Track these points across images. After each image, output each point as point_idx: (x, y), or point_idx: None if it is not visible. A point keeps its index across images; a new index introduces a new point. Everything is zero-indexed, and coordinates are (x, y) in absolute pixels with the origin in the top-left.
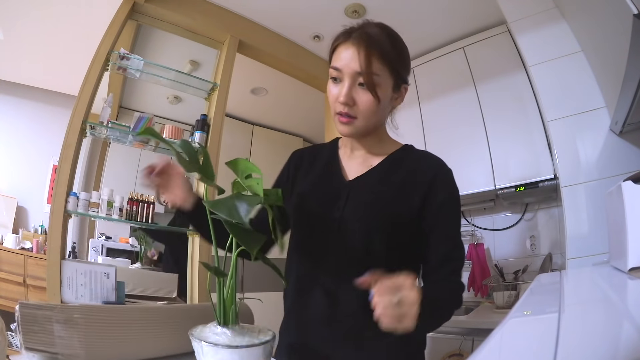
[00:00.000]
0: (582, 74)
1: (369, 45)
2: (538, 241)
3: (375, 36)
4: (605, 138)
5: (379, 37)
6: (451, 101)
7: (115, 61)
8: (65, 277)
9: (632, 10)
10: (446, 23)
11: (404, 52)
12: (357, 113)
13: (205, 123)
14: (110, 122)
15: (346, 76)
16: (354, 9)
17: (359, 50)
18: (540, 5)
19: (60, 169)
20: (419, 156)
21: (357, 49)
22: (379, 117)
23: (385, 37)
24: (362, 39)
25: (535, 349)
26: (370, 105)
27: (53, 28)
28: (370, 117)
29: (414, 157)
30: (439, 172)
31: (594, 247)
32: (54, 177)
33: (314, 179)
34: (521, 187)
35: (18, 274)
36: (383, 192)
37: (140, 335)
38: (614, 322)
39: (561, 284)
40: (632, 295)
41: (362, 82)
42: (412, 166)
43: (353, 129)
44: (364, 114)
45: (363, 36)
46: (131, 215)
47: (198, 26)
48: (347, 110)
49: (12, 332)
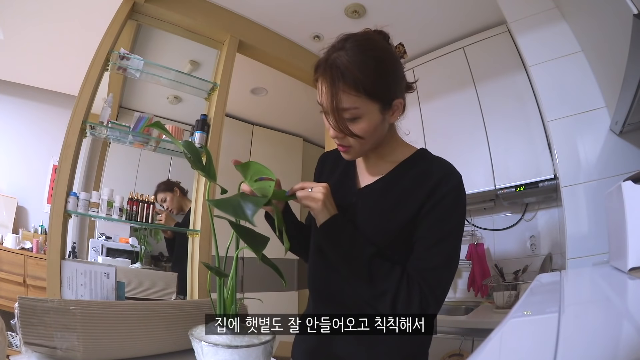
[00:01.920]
0: (582, 74)
1: (337, 79)
2: (538, 241)
3: (341, 66)
4: (605, 138)
5: (348, 64)
6: (451, 101)
7: (115, 61)
8: (65, 277)
9: (632, 10)
10: (446, 23)
11: (382, 67)
12: (349, 142)
13: (205, 123)
14: (110, 122)
15: (327, 112)
16: (354, 9)
17: (329, 87)
18: (540, 5)
19: (60, 169)
20: (429, 163)
21: (328, 86)
22: (376, 138)
23: (356, 61)
24: (329, 73)
25: (536, 349)
26: (360, 133)
27: (53, 28)
28: (364, 143)
29: (423, 165)
30: (442, 178)
31: (593, 247)
32: (54, 177)
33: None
34: (521, 187)
35: (18, 274)
36: (387, 203)
37: (137, 331)
38: (614, 322)
39: (561, 284)
40: (632, 295)
41: (346, 117)
42: (420, 173)
43: (353, 155)
44: (357, 143)
45: (327, 70)
46: (131, 215)
47: (198, 26)
48: (339, 142)
49: (12, 332)
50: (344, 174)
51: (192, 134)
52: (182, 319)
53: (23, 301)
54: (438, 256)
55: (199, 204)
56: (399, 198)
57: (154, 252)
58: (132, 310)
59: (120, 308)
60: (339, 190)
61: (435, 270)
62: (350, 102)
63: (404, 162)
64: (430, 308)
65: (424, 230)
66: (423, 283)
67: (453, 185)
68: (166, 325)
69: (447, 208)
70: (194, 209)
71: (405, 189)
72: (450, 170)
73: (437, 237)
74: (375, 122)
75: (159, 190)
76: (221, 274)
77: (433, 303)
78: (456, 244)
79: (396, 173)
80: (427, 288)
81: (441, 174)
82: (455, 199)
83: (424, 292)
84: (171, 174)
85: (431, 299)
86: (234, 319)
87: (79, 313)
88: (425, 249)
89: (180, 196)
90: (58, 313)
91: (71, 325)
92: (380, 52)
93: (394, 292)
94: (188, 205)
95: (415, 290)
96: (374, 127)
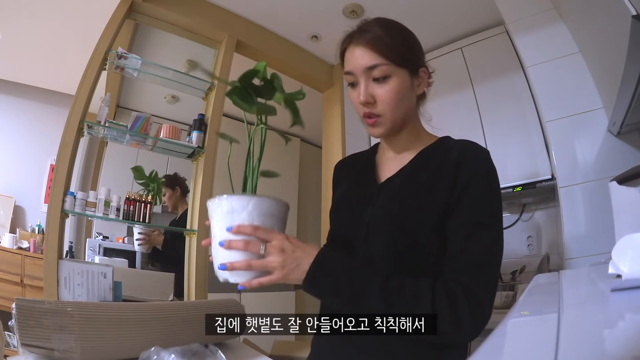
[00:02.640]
0: (580, 75)
1: (370, 40)
2: (535, 241)
3: (373, 31)
4: (603, 139)
5: (378, 31)
6: (449, 102)
7: (113, 60)
8: (63, 276)
9: (631, 11)
10: (444, 23)
11: (408, 37)
12: (380, 110)
13: (203, 123)
14: (108, 122)
15: (359, 76)
16: (352, 9)
17: (362, 48)
18: (538, 6)
19: (57, 168)
20: (451, 146)
21: (361, 47)
22: (405, 108)
23: (385, 29)
24: (362, 37)
25: (536, 349)
26: (390, 96)
27: (51, 27)
28: (394, 110)
29: (445, 148)
30: (464, 154)
31: (591, 248)
32: (51, 176)
33: (346, 188)
34: (519, 187)
35: (15, 273)
36: (408, 193)
37: (135, 332)
38: (614, 322)
39: (559, 284)
40: (632, 295)
41: (376, 76)
42: (442, 158)
43: (382, 127)
44: (387, 108)
45: (362, 34)
46: (128, 215)
47: (196, 26)
48: (370, 110)
49: (10, 332)
50: (363, 173)
51: (190, 134)
52: (179, 320)
53: (20, 303)
54: (479, 244)
55: (197, 204)
56: (425, 184)
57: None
58: (130, 312)
59: (118, 310)
60: (359, 188)
61: (479, 262)
62: (381, 60)
63: (426, 149)
64: (486, 311)
65: (457, 219)
66: (466, 284)
67: (479, 160)
68: (164, 327)
69: (480, 188)
70: (191, 208)
71: (431, 174)
72: (474, 148)
73: (474, 223)
74: (405, 85)
75: (162, 184)
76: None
77: (487, 303)
78: (498, 227)
79: (419, 160)
80: (475, 288)
81: (465, 153)
82: (487, 175)
83: (472, 297)
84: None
85: (484, 295)
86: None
87: (77, 315)
88: (461, 240)
89: (179, 196)
90: (55, 315)
91: (68, 326)
92: (405, 27)
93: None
94: (184, 207)
95: (461, 301)
96: (404, 89)
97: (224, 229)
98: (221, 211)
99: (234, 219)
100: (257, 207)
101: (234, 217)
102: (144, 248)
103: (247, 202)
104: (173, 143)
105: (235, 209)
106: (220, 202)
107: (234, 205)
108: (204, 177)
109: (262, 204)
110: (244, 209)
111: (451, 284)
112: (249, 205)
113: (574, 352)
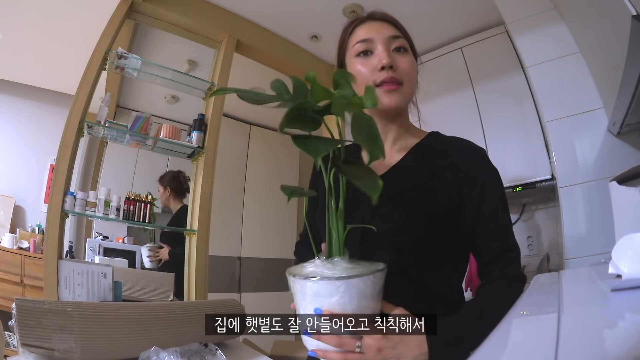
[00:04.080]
0: (580, 75)
1: (390, 17)
2: (535, 241)
3: (389, 15)
4: (603, 139)
5: (392, 17)
6: (449, 102)
7: (113, 60)
8: (63, 277)
9: (631, 11)
10: (444, 23)
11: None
12: (402, 77)
13: (203, 123)
14: (108, 122)
15: (379, 43)
16: (352, 9)
17: (382, 21)
18: (538, 6)
19: (57, 168)
20: (446, 144)
21: (381, 21)
22: (414, 86)
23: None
24: (379, 14)
25: (536, 349)
26: (411, 67)
27: (51, 27)
28: (413, 82)
29: (439, 146)
30: (469, 156)
31: (591, 248)
32: (51, 176)
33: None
34: (519, 187)
35: (15, 273)
36: (406, 189)
37: (135, 332)
38: (614, 322)
39: (560, 284)
40: (632, 295)
41: (397, 46)
42: (441, 155)
43: (401, 96)
44: (408, 77)
45: (379, 14)
46: (128, 215)
47: (196, 26)
48: (392, 74)
49: (10, 332)
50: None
51: (190, 134)
52: (179, 320)
53: (20, 303)
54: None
55: (197, 203)
56: (425, 180)
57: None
58: (130, 312)
59: (118, 310)
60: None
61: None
62: (401, 34)
63: (419, 145)
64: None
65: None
66: (514, 274)
67: (484, 159)
68: (164, 327)
69: (497, 191)
70: (191, 208)
71: (432, 167)
72: (472, 145)
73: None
74: (415, 64)
75: (161, 179)
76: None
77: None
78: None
79: (413, 156)
80: (520, 274)
81: (465, 152)
82: (497, 177)
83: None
84: (169, 170)
85: (522, 273)
86: (342, 250)
87: (77, 315)
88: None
89: (169, 195)
90: (55, 315)
91: (69, 327)
92: None
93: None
94: (177, 206)
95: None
96: (415, 67)
97: (310, 308)
98: (303, 293)
99: (322, 303)
100: (349, 292)
101: (321, 301)
102: (155, 264)
103: (337, 288)
104: (173, 143)
105: (322, 294)
106: (303, 284)
107: (321, 290)
108: (204, 177)
109: (355, 287)
110: (333, 295)
111: (506, 280)
112: (338, 290)
113: (574, 352)
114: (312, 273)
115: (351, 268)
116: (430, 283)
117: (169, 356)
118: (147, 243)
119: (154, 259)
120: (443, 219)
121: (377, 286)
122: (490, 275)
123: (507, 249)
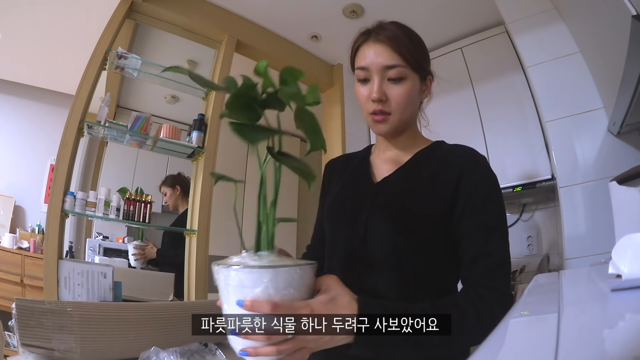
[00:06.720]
0: (580, 75)
1: (391, 38)
2: (535, 241)
3: (393, 30)
4: (603, 139)
5: (398, 32)
6: (449, 102)
7: (113, 60)
8: (63, 276)
9: (631, 11)
10: (444, 24)
11: (422, 44)
12: (390, 108)
13: (203, 123)
14: (108, 122)
15: (374, 73)
16: (352, 9)
17: (382, 45)
18: (538, 6)
19: (57, 168)
20: (448, 149)
21: (381, 44)
22: (412, 111)
23: (402, 32)
24: (382, 35)
25: (536, 349)
26: (403, 97)
27: (51, 27)
28: (403, 110)
29: (442, 151)
30: (467, 160)
31: (591, 248)
32: (51, 176)
33: (341, 187)
34: (519, 187)
35: (15, 273)
36: (407, 191)
37: (135, 332)
38: (614, 322)
39: (560, 284)
40: (632, 295)
41: (392, 76)
42: (440, 160)
43: (389, 126)
44: (397, 108)
45: (383, 32)
46: (128, 215)
47: (196, 25)
48: (381, 107)
49: (10, 332)
50: (357, 174)
51: (190, 134)
52: (179, 320)
53: (20, 303)
54: (498, 247)
55: (197, 203)
56: (425, 184)
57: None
58: (129, 312)
59: (118, 310)
60: (353, 188)
61: (501, 264)
62: (400, 62)
63: (422, 151)
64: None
65: (470, 225)
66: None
67: (484, 167)
68: (164, 327)
69: (489, 194)
70: (191, 208)
71: (430, 174)
72: (472, 150)
73: (488, 228)
74: (415, 89)
75: (163, 183)
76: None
77: (511, 299)
78: (507, 229)
79: (416, 160)
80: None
81: (467, 160)
82: (493, 181)
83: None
84: (168, 174)
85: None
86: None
87: (77, 315)
88: (480, 245)
89: (180, 195)
90: (55, 315)
91: (68, 327)
92: (415, 32)
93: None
94: (184, 207)
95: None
96: (414, 93)
97: (233, 302)
98: (227, 284)
99: (246, 294)
100: (274, 282)
101: (245, 292)
102: (140, 263)
103: (261, 278)
104: (173, 143)
105: (246, 285)
106: (226, 273)
107: (244, 280)
108: (204, 177)
109: (280, 278)
110: (257, 285)
111: (482, 290)
112: (263, 280)
113: (574, 352)
114: (237, 263)
115: (278, 261)
116: (425, 284)
117: (168, 356)
118: (134, 241)
119: (139, 257)
120: (438, 221)
121: (305, 279)
122: (467, 282)
123: (488, 252)
